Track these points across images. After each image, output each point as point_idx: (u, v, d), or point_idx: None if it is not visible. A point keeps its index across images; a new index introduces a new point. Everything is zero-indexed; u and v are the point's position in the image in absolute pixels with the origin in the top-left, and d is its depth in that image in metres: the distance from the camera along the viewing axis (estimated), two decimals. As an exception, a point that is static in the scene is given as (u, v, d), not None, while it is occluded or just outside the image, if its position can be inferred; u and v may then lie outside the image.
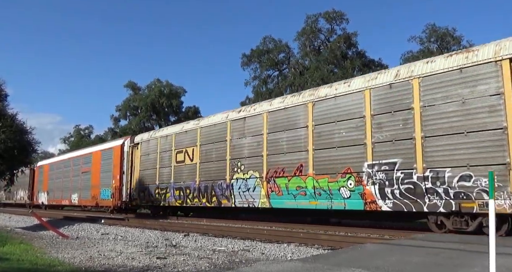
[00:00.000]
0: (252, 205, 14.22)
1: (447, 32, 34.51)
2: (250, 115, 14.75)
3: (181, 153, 17.92)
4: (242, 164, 14.69)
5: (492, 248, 3.94)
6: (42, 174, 35.65)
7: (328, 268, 5.13)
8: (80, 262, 8.10)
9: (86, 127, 67.68)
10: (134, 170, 21.53)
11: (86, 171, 27.04)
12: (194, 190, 16.75)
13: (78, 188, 28.06)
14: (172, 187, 18.11)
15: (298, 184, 12.48)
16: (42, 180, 35.32)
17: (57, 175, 32.64)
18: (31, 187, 37.50)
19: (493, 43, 8.97)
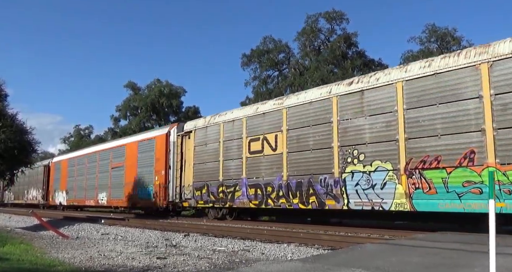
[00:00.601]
0: (379, 208, 10.81)
1: (447, 32, 34.49)
2: (371, 86, 11.31)
3: (256, 141, 14.56)
4: (360, 153, 11.34)
5: (492, 248, 3.94)
6: (59, 171, 32.31)
7: (328, 268, 5.13)
8: (80, 262, 8.10)
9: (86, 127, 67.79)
10: (185, 164, 18.10)
11: (118, 166, 23.68)
12: (280, 188, 13.42)
13: (107, 187, 24.75)
14: (245, 184, 14.83)
15: (467, 179, 9.23)
16: (60, 177, 32.08)
17: (78, 171, 29.13)
18: (46, 185, 34.30)
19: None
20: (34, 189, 36.62)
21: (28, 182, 36.40)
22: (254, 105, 15.87)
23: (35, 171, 34.02)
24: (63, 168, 31.76)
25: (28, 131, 16.71)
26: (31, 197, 37.11)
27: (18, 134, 15.89)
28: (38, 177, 35.59)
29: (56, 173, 33.03)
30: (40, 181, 35.34)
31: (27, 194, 37.82)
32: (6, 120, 15.75)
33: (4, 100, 16.77)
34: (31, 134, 16.77)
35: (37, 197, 35.63)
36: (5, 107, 16.45)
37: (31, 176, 34.61)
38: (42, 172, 34.86)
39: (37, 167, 33.89)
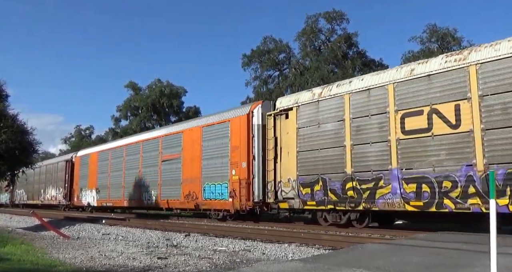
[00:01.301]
0: None
1: (448, 33, 34.48)
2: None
3: (417, 115, 10.53)
4: None
5: (493, 248, 3.94)
6: (87, 166, 27.30)
7: (329, 268, 5.14)
8: (81, 263, 8.11)
9: (87, 128, 67.90)
10: (281, 152, 14.09)
11: (172, 158, 19.35)
12: (467, 182, 9.46)
13: (155, 184, 20.29)
14: (396, 178, 10.71)
15: None
16: (87, 174, 27.08)
17: (114, 166, 24.16)
18: (69, 183, 29.28)
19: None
20: (53, 187, 31.97)
21: (45, 180, 33.74)
22: (406, 66, 11.52)
23: (54, 167, 32.28)
24: (92, 162, 26.60)
25: (29, 131, 16.72)
26: (49, 197, 32.52)
27: (19, 135, 15.90)
28: (58, 174, 31.27)
29: (82, 169, 27.96)
30: (61, 179, 30.54)
31: (44, 193, 33.59)
32: (7, 120, 15.77)
33: (5, 101, 16.79)
34: (32, 135, 16.80)
35: (57, 197, 30.93)
36: (6, 107, 16.47)
37: (49, 173, 32.98)
38: (64, 168, 30.23)
39: (56, 163, 32.55)
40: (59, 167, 31.43)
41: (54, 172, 32.25)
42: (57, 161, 33.21)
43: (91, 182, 26.36)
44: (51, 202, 32.28)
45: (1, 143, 15.20)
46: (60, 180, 30.50)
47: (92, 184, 26.24)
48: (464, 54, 10.17)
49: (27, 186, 36.31)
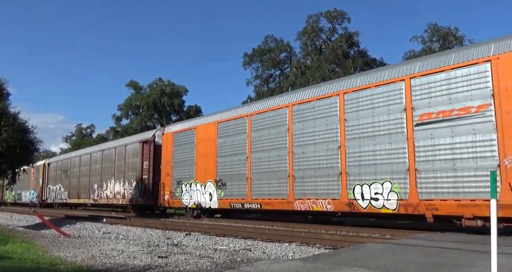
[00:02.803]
0: None
1: (449, 32, 34.47)
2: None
3: None
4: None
5: (494, 248, 3.94)
6: (191, 146, 17.87)
7: (330, 267, 5.14)
8: (81, 261, 8.12)
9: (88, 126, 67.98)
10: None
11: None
12: None
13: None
14: None
15: None
16: (191, 158, 17.83)
17: (258, 143, 14.74)
18: (151, 174, 20.36)
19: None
20: (116, 181, 23.38)
21: (102, 170, 25.23)
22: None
23: (119, 153, 23.53)
24: (205, 141, 17.06)
25: (30, 130, 16.75)
26: (109, 194, 23.95)
27: (20, 133, 15.92)
28: (126, 162, 22.71)
29: (178, 152, 18.64)
30: (132, 168, 22.03)
31: (100, 189, 24.99)
32: (8, 119, 15.79)
33: (6, 99, 16.80)
34: (33, 133, 16.83)
35: (125, 193, 22.36)
36: (7, 106, 16.48)
37: (108, 160, 24.85)
38: (140, 151, 21.35)
39: (122, 146, 23.40)
40: (128, 151, 22.67)
41: (118, 159, 23.54)
42: (123, 144, 23.76)
43: (201, 172, 17.15)
44: (113, 201, 23.81)
45: (2, 141, 15.22)
46: (132, 170, 22.02)
47: (204, 174, 17.00)
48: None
49: (67, 180, 29.83)
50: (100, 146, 28.73)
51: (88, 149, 31.05)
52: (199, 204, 17.18)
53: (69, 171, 29.75)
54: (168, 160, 19.28)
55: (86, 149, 32.18)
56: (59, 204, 31.81)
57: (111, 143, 27.82)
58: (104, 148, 26.59)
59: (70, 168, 29.77)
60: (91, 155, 27.40)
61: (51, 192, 32.58)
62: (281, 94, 17.72)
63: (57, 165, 32.65)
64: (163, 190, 19.37)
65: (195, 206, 17.44)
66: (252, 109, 15.57)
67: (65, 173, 30.20)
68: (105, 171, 25.00)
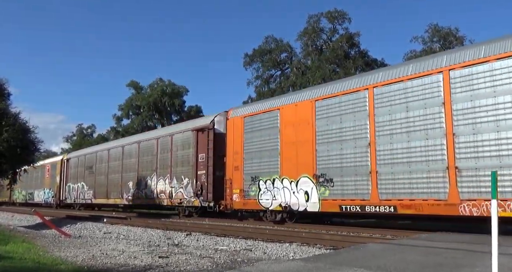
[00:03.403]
0: None
1: (450, 32, 34.43)
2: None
3: None
4: None
5: (495, 248, 3.94)
6: (275, 131, 14.19)
7: (330, 267, 5.14)
8: (82, 261, 8.13)
9: (89, 126, 67.90)
10: None
11: None
12: None
13: None
14: None
15: None
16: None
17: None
18: (211, 168, 16.66)
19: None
20: (159, 177, 19.83)
21: (136, 166, 21.67)
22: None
23: (163, 144, 19.88)
24: (295, 125, 13.45)
25: (31, 130, 16.76)
26: (149, 194, 20.31)
27: (21, 133, 15.93)
28: (174, 155, 18.94)
29: (251, 140, 14.97)
30: (182, 161, 18.38)
31: (136, 188, 21.39)
32: (8, 119, 15.80)
33: (7, 99, 16.82)
34: (33, 133, 16.84)
35: (174, 192, 18.63)
36: (7, 106, 16.50)
37: (148, 153, 20.93)
38: (193, 141, 17.70)
39: (167, 136, 19.77)
40: (176, 142, 18.95)
41: (162, 152, 19.82)
42: (168, 133, 19.95)
43: (292, 164, 13.25)
44: (155, 202, 20.21)
45: (2, 141, 15.23)
46: (181, 164, 18.40)
47: (294, 167, 13.16)
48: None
49: (92, 178, 26.26)
50: (135, 137, 24.38)
51: (118, 141, 26.93)
52: (287, 206, 13.25)
53: (94, 167, 26.02)
54: (237, 151, 15.40)
55: (116, 142, 28.16)
56: (81, 205, 27.84)
57: (151, 133, 23.09)
58: (141, 139, 22.27)
59: (96, 164, 26.06)
60: (123, 148, 23.25)
61: (71, 191, 28.77)
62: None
63: (79, 161, 28.82)
64: (230, 188, 15.46)
65: (281, 208, 13.51)
66: (375, 79, 11.55)
67: (90, 169, 26.51)
68: (143, 166, 21.11)
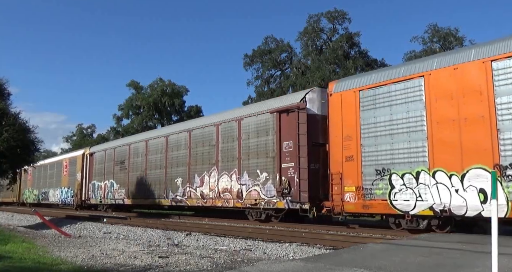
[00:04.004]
0: None
1: (450, 32, 34.43)
2: None
3: None
4: None
5: (495, 248, 3.93)
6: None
7: (330, 267, 5.14)
8: (82, 261, 8.12)
9: (89, 126, 67.91)
10: None
11: None
12: None
13: None
14: None
15: None
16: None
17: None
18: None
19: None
20: (221, 172, 15.91)
21: (187, 159, 17.81)
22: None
23: (225, 130, 15.98)
24: (453, 96, 9.61)
25: (31, 130, 16.74)
26: (206, 193, 16.41)
27: (21, 133, 15.91)
28: (244, 144, 15.13)
29: (372, 119, 11.18)
30: (257, 151, 14.59)
31: (187, 185, 17.49)
32: (8, 119, 15.79)
33: (7, 99, 16.81)
34: (33, 133, 16.81)
35: (244, 190, 14.81)
36: (7, 106, 16.49)
37: (201, 143, 17.11)
38: (274, 126, 14.03)
39: (233, 121, 15.73)
40: (245, 128, 15.13)
41: (225, 141, 15.92)
42: (234, 117, 15.83)
43: (452, 151, 9.51)
44: (215, 203, 16.19)
45: (2, 141, 15.22)
46: (256, 155, 14.59)
47: (457, 155, 9.42)
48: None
49: (124, 174, 22.42)
50: (183, 125, 20.30)
51: (160, 131, 22.80)
52: (446, 210, 9.36)
53: (127, 161, 22.22)
54: (350, 136, 11.56)
55: (156, 131, 23.76)
56: (110, 206, 24.35)
57: (207, 119, 18.66)
58: (193, 126, 18.24)
59: (130, 158, 22.08)
60: (167, 138, 19.26)
61: (97, 190, 25.11)
62: None
63: (106, 155, 24.75)
64: (340, 185, 11.53)
65: (432, 213, 9.65)
66: None
67: (121, 164, 22.73)
68: (197, 159, 17.22)
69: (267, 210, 14.41)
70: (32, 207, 31.32)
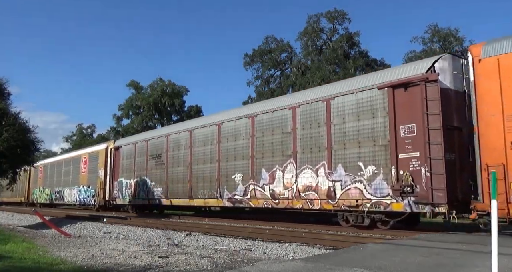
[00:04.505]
0: None
1: (450, 33, 34.41)
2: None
3: None
4: None
5: (495, 248, 3.93)
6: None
7: (330, 267, 5.14)
8: (82, 261, 8.12)
9: (89, 126, 67.90)
10: None
11: None
12: None
13: None
14: None
15: None
16: None
17: None
18: None
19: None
20: (301, 165, 13.04)
21: (248, 150, 15.09)
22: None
23: (305, 113, 13.32)
24: None
25: (31, 129, 16.73)
26: (279, 191, 13.53)
27: (21, 133, 15.90)
28: (337, 129, 12.24)
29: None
30: (361, 138, 11.56)
31: (249, 182, 14.72)
32: (9, 119, 15.78)
33: (7, 99, 16.80)
34: (33, 133, 16.79)
35: (339, 188, 11.86)
36: (7, 105, 16.48)
37: (268, 130, 14.44)
38: (387, 102, 11.02)
39: (317, 101, 13.00)
40: (339, 107, 12.37)
41: (306, 127, 13.19)
42: (320, 97, 13.00)
43: None
44: (292, 203, 13.27)
45: (2, 141, 15.21)
46: (356, 142, 11.72)
47: None
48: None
49: (161, 170, 19.42)
50: (241, 110, 16.77)
51: (208, 118, 18.56)
52: None
53: (165, 155, 19.24)
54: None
55: (204, 119, 20.26)
56: (141, 206, 21.41)
57: (277, 101, 15.32)
58: (255, 111, 15.25)
59: (169, 151, 19.07)
60: (219, 126, 16.41)
61: (125, 188, 22.04)
62: None
63: (137, 148, 21.58)
64: (505, 181, 8.45)
65: None
66: None
67: (157, 159, 19.69)
68: (264, 150, 14.45)
69: (374, 214, 11.31)
70: (40, 207, 30.10)
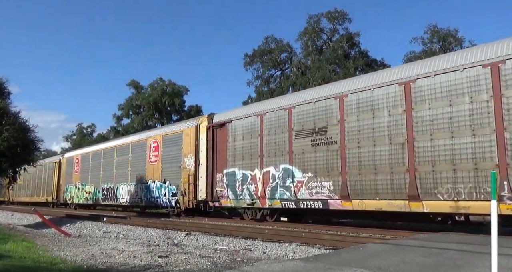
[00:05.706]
0: None
1: (449, 33, 34.44)
2: None
3: None
4: None
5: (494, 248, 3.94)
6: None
7: (330, 267, 5.14)
8: (82, 260, 8.13)
9: (89, 126, 67.92)
10: None
11: None
12: None
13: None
14: None
15: None
16: None
17: None
18: None
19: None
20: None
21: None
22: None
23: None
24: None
25: (31, 129, 16.74)
26: None
27: (21, 132, 15.91)
28: None
29: None
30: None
31: None
32: (9, 118, 15.79)
33: (7, 98, 16.81)
34: (33, 132, 16.80)
35: None
36: (8, 105, 16.49)
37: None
38: None
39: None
40: None
41: None
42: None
43: None
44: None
45: (3, 140, 15.22)
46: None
47: None
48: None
49: (324, 153, 12.13)
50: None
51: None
52: None
53: (334, 128, 12.09)
54: None
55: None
56: (277, 210, 14.30)
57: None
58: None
59: (345, 118, 11.85)
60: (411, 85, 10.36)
61: (241, 183, 15.01)
62: None
63: (266, 121, 14.36)
64: None
65: None
66: None
67: (315, 135, 12.52)
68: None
69: None
70: (76, 209, 24.30)
